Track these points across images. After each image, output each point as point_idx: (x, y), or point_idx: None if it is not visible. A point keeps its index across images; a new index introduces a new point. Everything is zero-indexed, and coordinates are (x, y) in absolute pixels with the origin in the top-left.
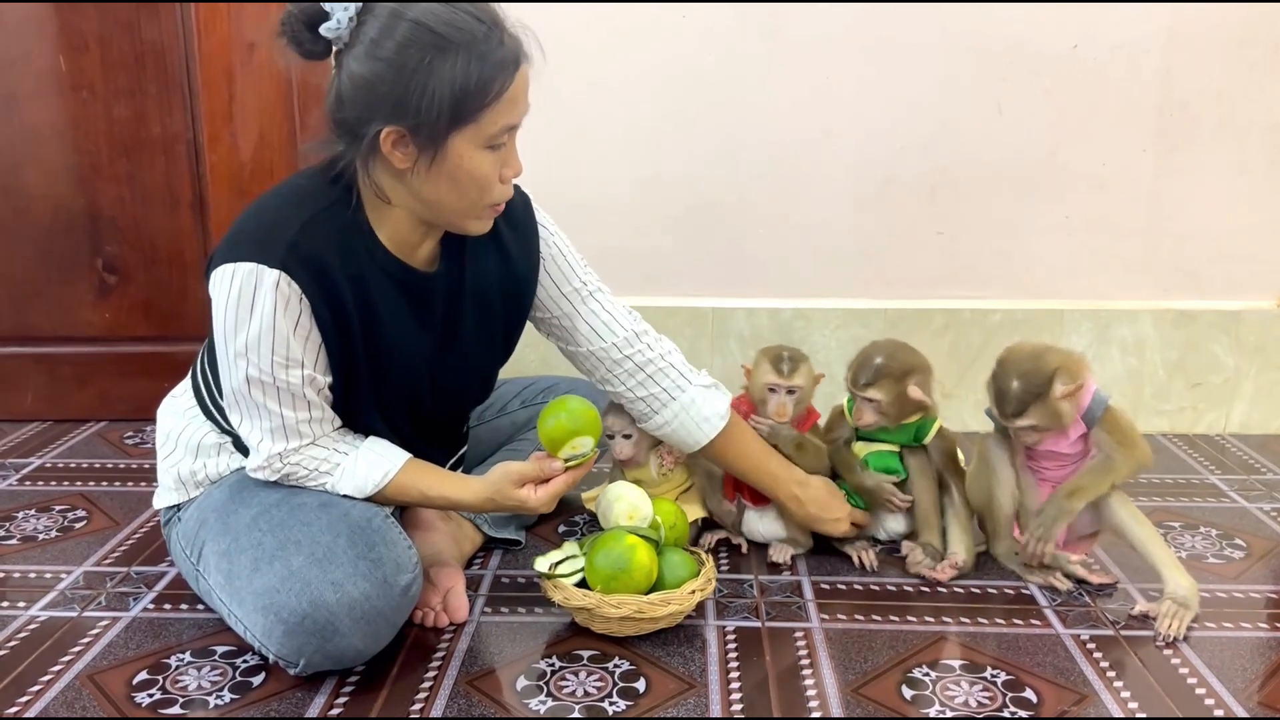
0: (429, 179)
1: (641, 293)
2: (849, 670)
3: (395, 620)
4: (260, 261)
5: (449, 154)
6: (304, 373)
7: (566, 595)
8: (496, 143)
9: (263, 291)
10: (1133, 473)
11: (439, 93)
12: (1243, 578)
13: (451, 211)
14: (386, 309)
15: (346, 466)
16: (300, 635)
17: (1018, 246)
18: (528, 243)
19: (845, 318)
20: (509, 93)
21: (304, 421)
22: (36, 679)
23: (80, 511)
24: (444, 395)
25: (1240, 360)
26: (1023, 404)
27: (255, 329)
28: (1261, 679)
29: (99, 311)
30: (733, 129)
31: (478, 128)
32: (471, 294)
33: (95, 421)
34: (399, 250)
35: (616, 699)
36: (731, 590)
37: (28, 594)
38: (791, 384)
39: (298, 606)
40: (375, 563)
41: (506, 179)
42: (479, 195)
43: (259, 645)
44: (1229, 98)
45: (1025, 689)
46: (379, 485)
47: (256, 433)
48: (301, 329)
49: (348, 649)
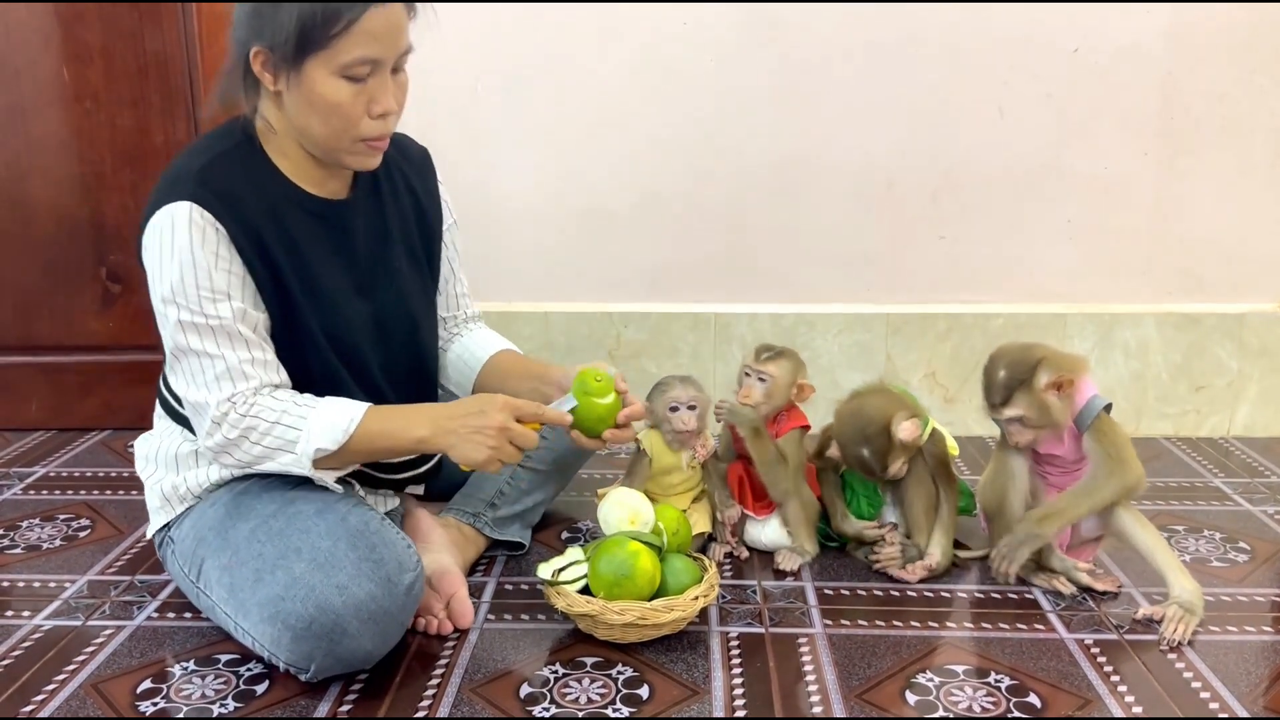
0: (295, 104)
1: (645, 298)
2: (852, 675)
3: (402, 619)
4: (171, 200)
5: (304, 78)
6: (233, 305)
7: (570, 602)
8: (353, 74)
9: (179, 227)
10: (1118, 496)
11: (290, 14)
12: (1247, 581)
13: (322, 142)
14: (307, 240)
15: (311, 419)
16: (309, 640)
17: (1020, 250)
18: (430, 189)
19: (848, 322)
20: (363, 25)
21: (246, 363)
22: (41, 688)
23: (84, 520)
24: (393, 333)
25: (1244, 363)
26: (1008, 391)
27: (177, 268)
28: (1266, 682)
29: (103, 321)
30: (735, 134)
31: (332, 54)
32: (395, 224)
33: (99, 430)
34: (305, 183)
35: (620, 706)
36: (735, 596)
37: (32, 603)
38: (763, 370)
39: (304, 612)
40: (378, 563)
41: (375, 114)
42: (342, 126)
43: (268, 655)
44: (1231, 100)
45: (1029, 694)
46: (348, 431)
47: (202, 390)
48: (222, 260)
49: (357, 650)
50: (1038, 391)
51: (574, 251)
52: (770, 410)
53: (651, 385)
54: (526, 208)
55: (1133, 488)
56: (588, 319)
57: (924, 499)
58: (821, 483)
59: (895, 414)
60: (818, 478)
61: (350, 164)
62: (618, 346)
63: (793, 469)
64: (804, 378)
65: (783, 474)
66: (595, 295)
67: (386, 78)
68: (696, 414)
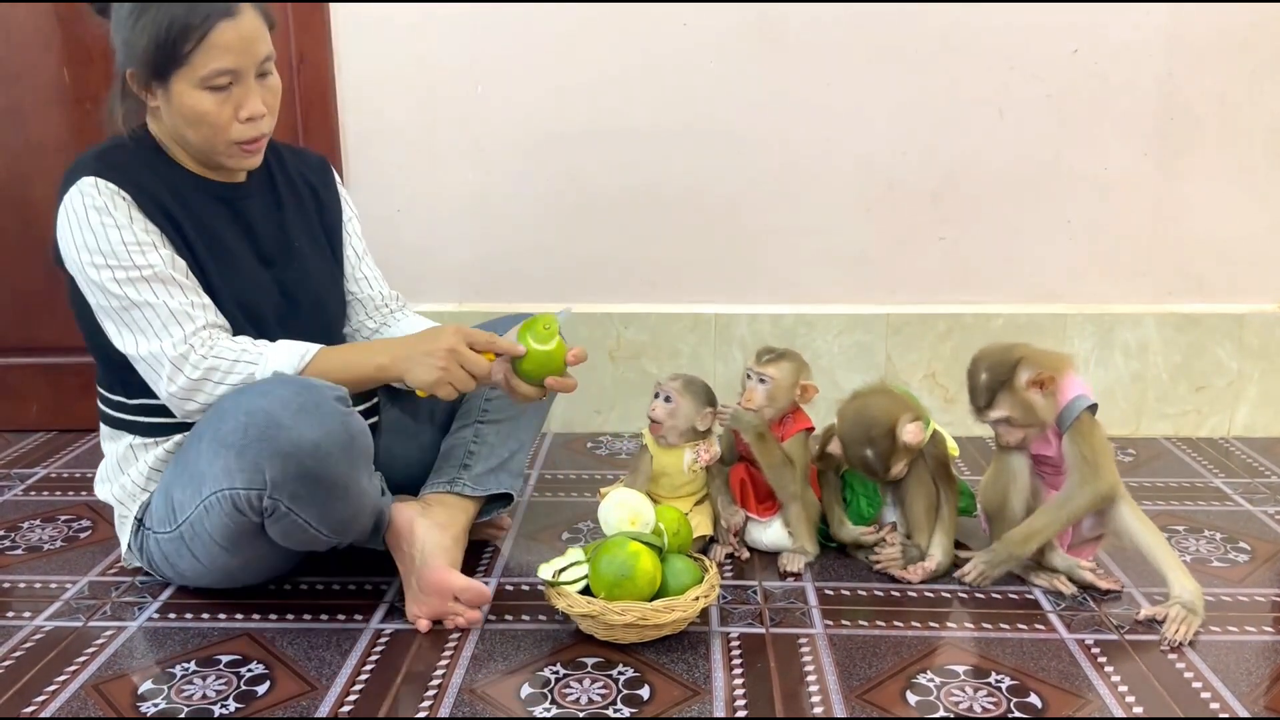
0: (170, 116)
1: (644, 299)
2: (853, 676)
3: (338, 410)
4: (75, 181)
5: (172, 93)
6: (160, 253)
7: (570, 602)
8: (214, 84)
9: (88, 198)
10: (1092, 505)
11: (148, 37)
12: (1247, 581)
13: (198, 145)
14: (209, 215)
15: (269, 354)
16: (250, 449)
17: (1020, 251)
18: (329, 186)
19: (848, 323)
20: (213, 40)
21: (188, 306)
22: (42, 689)
23: (85, 521)
24: (300, 305)
25: (1244, 363)
26: (990, 393)
27: (99, 232)
28: (1267, 683)
29: None
30: (735, 135)
31: (191, 69)
32: (291, 209)
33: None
34: (203, 174)
35: (621, 706)
36: (736, 596)
37: (33, 604)
38: (764, 372)
39: (236, 423)
40: (299, 383)
41: (244, 118)
42: (212, 132)
43: (230, 498)
44: (1231, 101)
45: (1029, 694)
46: (305, 358)
47: (154, 340)
48: (137, 221)
49: (301, 441)
50: (1020, 391)
51: (573, 252)
52: (774, 413)
53: (652, 387)
54: (525, 209)
55: (1106, 496)
56: (588, 319)
57: (924, 499)
58: (822, 485)
59: (900, 415)
60: (818, 480)
61: (229, 165)
62: (618, 347)
63: (800, 472)
64: (807, 378)
65: (790, 477)
66: (595, 296)
67: (250, 85)
68: (670, 409)
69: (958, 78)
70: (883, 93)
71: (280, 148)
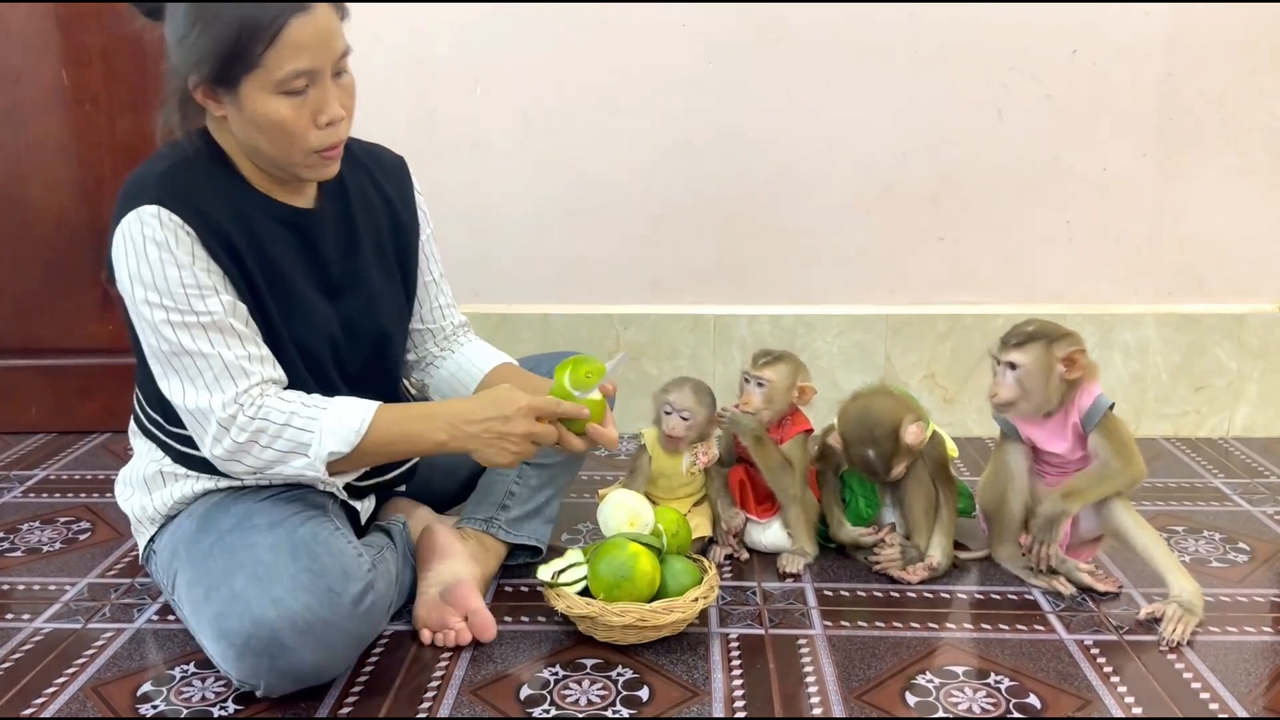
0: (240, 126)
1: (644, 300)
2: (852, 677)
3: (351, 630)
4: (136, 206)
5: (243, 101)
6: (222, 299)
7: (570, 604)
8: (290, 89)
9: (149, 230)
10: (1127, 486)
11: (214, 40)
12: (1246, 581)
13: (273, 158)
14: (275, 245)
15: (322, 420)
16: (250, 656)
17: (1019, 251)
18: (406, 197)
19: (847, 324)
20: (287, 36)
21: (244, 358)
22: (41, 691)
23: (84, 523)
24: (360, 341)
25: (1243, 363)
26: (1027, 337)
27: (156, 268)
28: (1266, 683)
29: (103, 324)
30: (734, 136)
31: (264, 72)
32: (365, 231)
33: (99, 433)
34: (271, 194)
35: (620, 707)
36: (735, 598)
37: (32, 606)
38: (761, 375)
39: (241, 628)
40: (317, 574)
41: (322, 124)
42: (289, 141)
43: (223, 671)
44: (1230, 101)
45: (1029, 694)
46: (360, 432)
47: (203, 393)
48: (200, 259)
49: (301, 665)
50: (1052, 352)
51: (573, 253)
52: (772, 415)
53: (651, 387)
54: (525, 209)
55: (1136, 480)
56: (587, 320)
57: (923, 500)
58: (820, 486)
59: (904, 416)
60: (817, 481)
61: (307, 176)
62: (618, 348)
63: (799, 474)
64: (804, 380)
65: (790, 480)
66: (595, 297)
67: (327, 85)
68: (688, 425)
69: (957, 78)
70: (882, 93)
71: (354, 148)
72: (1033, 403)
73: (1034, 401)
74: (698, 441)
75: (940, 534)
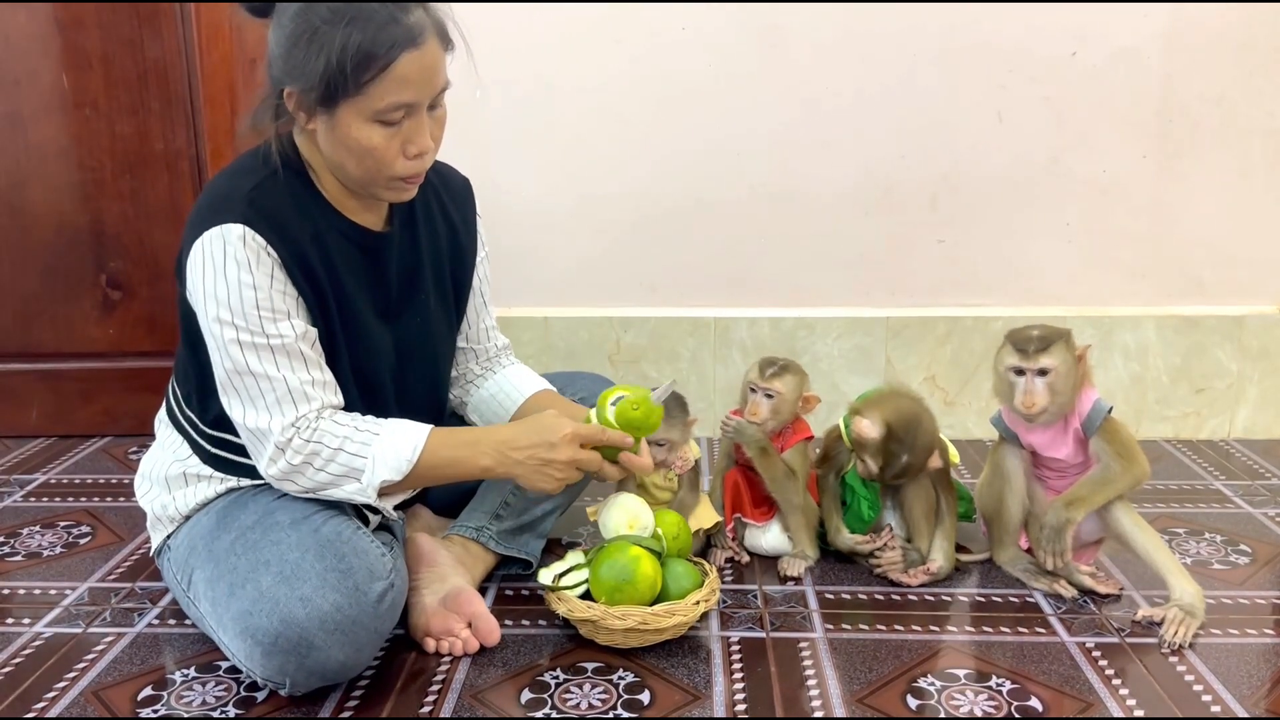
0: (329, 144)
1: (644, 303)
2: (854, 680)
3: (376, 628)
4: (222, 223)
5: (337, 122)
6: (294, 324)
7: (571, 607)
8: (387, 119)
9: (231, 249)
10: (1130, 487)
11: (321, 61)
12: (1248, 583)
13: (356, 178)
14: (345, 268)
15: (375, 446)
16: (278, 655)
17: (1019, 253)
18: (468, 220)
19: (848, 326)
20: (395, 71)
21: (308, 384)
22: (42, 695)
23: (85, 527)
24: (412, 362)
25: (1244, 365)
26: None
27: (234, 288)
28: (1268, 685)
29: (103, 327)
30: (734, 139)
31: (365, 100)
32: (427, 255)
33: (100, 437)
34: (345, 210)
35: (621, 711)
36: (736, 601)
37: (32, 610)
38: (769, 387)
39: (270, 626)
40: (344, 573)
41: (411, 155)
42: (376, 167)
43: (246, 670)
44: (1229, 102)
45: (1030, 697)
46: (412, 460)
47: (264, 414)
48: (277, 281)
49: (328, 662)
50: (1071, 349)
51: (573, 256)
52: (777, 425)
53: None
54: (525, 213)
55: (1140, 480)
56: (587, 324)
57: (924, 504)
58: (820, 491)
59: (941, 446)
60: (817, 485)
61: (385, 198)
62: (617, 351)
63: (801, 481)
64: (808, 389)
65: (793, 488)
66: (594, 300)
67: (423, 118)
68: (665, 448)
69: (956, 80)
70: (881, 95)
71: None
72: (1059, 405)
73: (1060, 403)
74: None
75: (941, 537)
